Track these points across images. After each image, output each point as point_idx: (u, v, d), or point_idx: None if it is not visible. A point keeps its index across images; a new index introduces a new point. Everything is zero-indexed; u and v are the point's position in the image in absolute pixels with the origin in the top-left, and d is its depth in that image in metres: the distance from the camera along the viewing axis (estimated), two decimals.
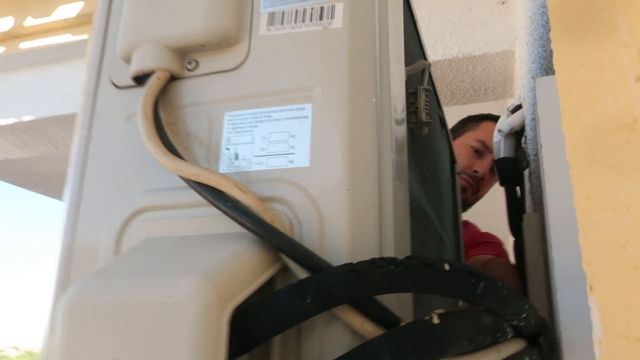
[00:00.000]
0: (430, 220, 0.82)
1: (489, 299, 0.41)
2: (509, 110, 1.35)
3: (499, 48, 1.44)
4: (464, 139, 1.52)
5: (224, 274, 0.36)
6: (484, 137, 1.48)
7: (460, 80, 1.59)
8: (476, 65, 1.51)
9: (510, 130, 1.29)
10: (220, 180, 0.42)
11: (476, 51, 1.46)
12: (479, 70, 1.54)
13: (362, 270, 0.37)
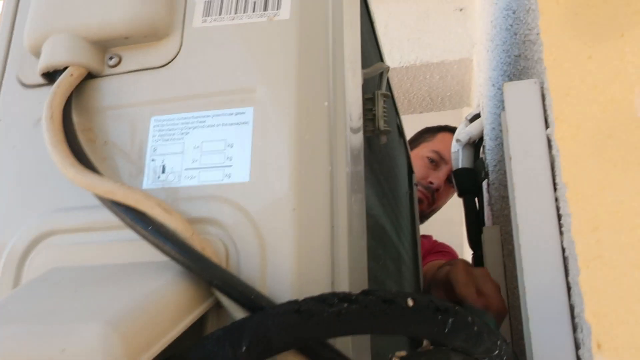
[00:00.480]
0: (389, 237, 0.76)
1: (459, 337, 0.35)
2: (467, 120, 1.32)
3: (457, 56, 1.41)
4: (420, 150, 1.51)
5: (137, 319, 0.29)
6: (440, 148, 1.47)
7: (418, 88, 1.56)
8: (434, 73, 1.48)
9: (469, 139, 1.26)
10: (140, 198, 0.35)
11: (434, 58, 1.42)
12: (436, 78, 1.51)
13: (310, 309, 0.31)
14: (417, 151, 1.50)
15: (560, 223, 0.47)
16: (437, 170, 1.48)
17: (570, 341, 0.44)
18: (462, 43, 1.41)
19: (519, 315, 0.79)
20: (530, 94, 0.51)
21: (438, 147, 1.48)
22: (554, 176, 0.48)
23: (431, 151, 1.48)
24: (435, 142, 1.50)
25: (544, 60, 0.29)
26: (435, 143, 1.50)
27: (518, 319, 0.81)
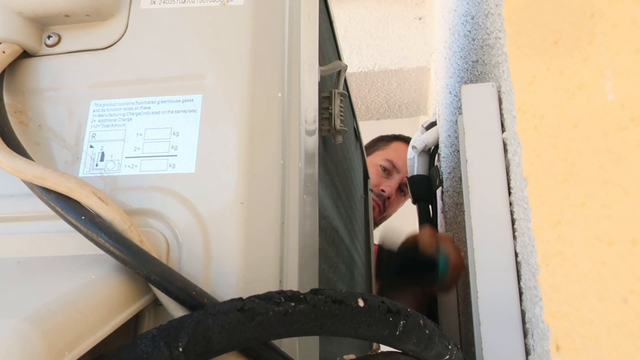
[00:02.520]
0: (342, 240, 0.75)
1: (410, 340, 0.34)
2: (424, 127, 1.32)
3: (415, 64, 1.42)
4: (373, 157, 1.52)
5: (62, 316, 0.26)
6: (394, 157, 1.48)
7: (376, 95, 1.56)
8: (392, 80, 1.49)
9: (424, 147, 1.27)
10: (73, 186, 0.32)
11: (392, 65, 1.43)
12: (394, 86, 1.51)
13: (254, 308, 0.29)
14: (371, 159, 1.51)
15: (514, 227, 0.47)
16: (390, 179, 1.49)
17: (521, 347, 0.44)
18: (421, 51, 1.42)
19: (469, 324, 0.79)
20: (487, 97, 0.51)
21: (391, 156, 1.50)
22: (509, 180, 0.48)
23: (384, 159, 1.49)
24: (389, 151, 1.51)
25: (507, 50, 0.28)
26: (388, 152, 1.51)
27: (468, 326, 0.81)
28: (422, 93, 1.55)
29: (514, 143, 0.45)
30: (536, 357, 0.41)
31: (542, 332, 0.39)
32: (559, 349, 0.25)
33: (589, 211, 0.21)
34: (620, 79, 0.19)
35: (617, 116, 0.19)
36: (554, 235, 0.26)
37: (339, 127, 0.59)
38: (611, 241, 0.19)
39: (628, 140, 0.18)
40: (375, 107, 1.61)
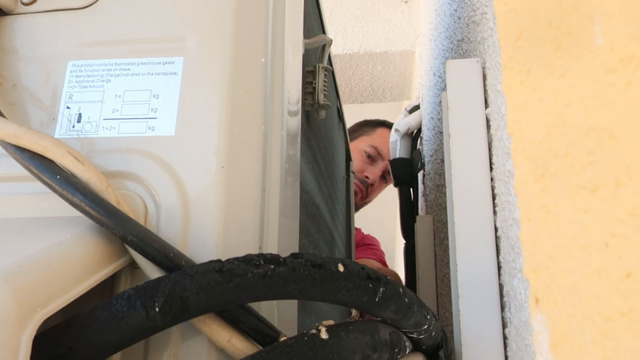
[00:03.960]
0: (323, 217, 0.74)
1: (390, 308, 0.34)
2: (407, 111, 1.32)
3: (400, 47, 1.42)
4: (358, 142, 1.51)
5: (34, 272, 0.25)
6: (379, 144, 1.48)
7: (360, 78, 1.55)
8: (376, 63, 1.48)
9: (407, 130, 1.27)
10: (48, 144, 0.31)
11: (377, 48, 1.42)
12: (378, 69, 1.51)
13: (233, 270, 0.28)
14: (356, 143, 1.51)
15: (494, 202, 0.47)
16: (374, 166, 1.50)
17: (498, 320, 0.44)
18: (406, 35, 1.42)
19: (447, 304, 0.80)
20: (471, 72, 0.50)
21: (377, 142, 1.50)
22: (491, 155, 0.48)
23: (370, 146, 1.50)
24: (374, 138, 1.51)
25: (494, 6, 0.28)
26: (374, 138, 1.51)
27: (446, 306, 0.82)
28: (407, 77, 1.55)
29: (497, 118, 0.45)
30: (512, 329, 0.41)
31: (519, 304, 0.39)
32: (538, 302, 0.25)
33: (573, 160, 0.21)
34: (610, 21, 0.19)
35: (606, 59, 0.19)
36: (537, 189, 0.26)
37: (323, 101, 0.59)
38: (595, 187, 0.19)
39: (616, 82, 0.18)
40: (359, 90, 1.61)
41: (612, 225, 0.18)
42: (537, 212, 0.26)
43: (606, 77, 0.19)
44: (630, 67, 0.17)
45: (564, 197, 0.22)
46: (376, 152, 1.49)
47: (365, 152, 1.49)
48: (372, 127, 1.55)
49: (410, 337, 0.39)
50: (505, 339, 0.43)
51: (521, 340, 0.38)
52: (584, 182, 0.20)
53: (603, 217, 0.19)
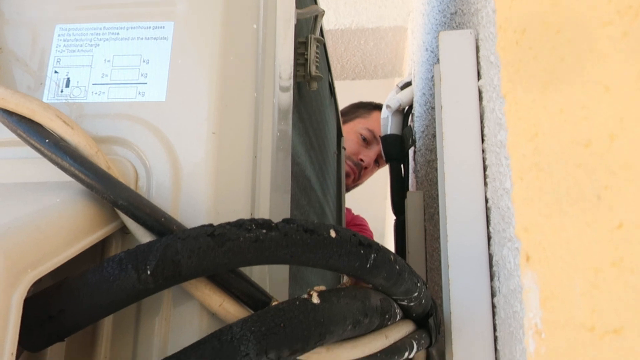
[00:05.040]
0: (314, 190, 0.74)
1: (381, 274, 0.34)
2: (398, 87, 1.32)
3: (392, 23, 1.41)
4: (354, 124, 1.51)
5: (24, 234, 0.25)
6: (375, 127, 1.48)
7: (352, 54, 1.54)
8: (368, 39, 1.47)
9: (399, 107, 1.27)
10: (36, 108, 0.31)
11: (369, 24, 1.41)
12: (370, 45, 1.50)
13: (225, 234, 0.28)
14: (352, 125, 1.51)
15: (485, 174, 0.47)
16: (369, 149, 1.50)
17: (487, 289, 0.45)
18: (398, 10, 1.41)
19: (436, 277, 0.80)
20: (464, 43, 0.50)
21: (373, 126, 1.50)
22: (483, 127, 0.48)
23: (365, 129, 1.49)
24: (371, 121, 1.51)
25: None
26: (370, 121, 1.51)
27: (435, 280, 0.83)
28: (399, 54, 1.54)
29: (489, 90, 0.45)
30: (501, 297, 0.42)
31: (508, 272, 0.39)
32: (528, 260, 0.26)
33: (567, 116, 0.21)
34: None
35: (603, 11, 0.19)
36: (529, 149, 0.26)
37: (315, 73, 0.58)
38: (588, 142, 0.20)
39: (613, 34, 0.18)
40: (350, 66, 1.60)
41: (605, 178, 0.18)
42: (530, 171, 0.26)
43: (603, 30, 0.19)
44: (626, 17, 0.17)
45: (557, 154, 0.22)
46: (372, 135, 1.49)
47: (361, 134, 1.49)
48: (368, 110, 1.54)
49: (400, 304, 0.39)
50: (494, 307, 0.44)
51: (509, 308, 0.39)
52: (577, 137, 0.20)
53: (596, 171, 0.19)
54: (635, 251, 0.16)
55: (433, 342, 0.43)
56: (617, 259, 0.17)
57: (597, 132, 0.19)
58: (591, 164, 0.19)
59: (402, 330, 0.39)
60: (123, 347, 0.30)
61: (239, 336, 0.27)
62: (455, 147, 0.47)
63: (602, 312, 0.18)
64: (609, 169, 0.18)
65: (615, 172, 0.17)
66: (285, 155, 0.44)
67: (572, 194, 0.20)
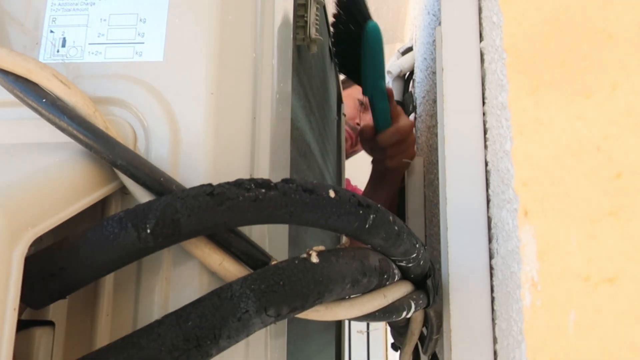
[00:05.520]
0: (314, 156, 0.74)
1: (379, 235, 0.34)
2: (399, 52, 1.30)
3: None
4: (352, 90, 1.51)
5: (22, 192, 0.25)
6: None
7: None
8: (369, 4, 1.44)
9: (399, 72, 1.26)
10: (33, 67, 0.30)
11: None
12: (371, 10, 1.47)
13: (224, 193, 0.28)
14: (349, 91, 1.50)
15: (485, 137, 0.47)
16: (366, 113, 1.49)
17: (485, 251, 0.45)
18: None
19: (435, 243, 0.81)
20: (467, 4, 0.49)
21: None
22: (484, 90, 0.48)
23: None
24: None
25: None
26: None
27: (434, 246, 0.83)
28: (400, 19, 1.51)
29: (491, 51, 0.45)
30: (499, 259, 0.42)
31: (506, 234, 0.40)
32: (527, 214, 0.26)
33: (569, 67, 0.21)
34: None
35: None
36: (530, 103, 0.26)
37: (314, 35, 0.57)
38: (590, 92, 0.19)
39: None
40: None
41: (606, 128, 0.18)
42: (530, 125, 0.26)
43: None
44: None
45: (558, 107, 0.22)
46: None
47: (358, 100, 1.49)
48: None
49: (399, 265, 0.39)
50: (492, 269, 0.44)
51: (507, 269, 0.39)
52: (579, 88, 0.20)
53: (597, 121, 0.19)
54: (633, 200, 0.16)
55: (431, 302, 0.44)
56: (614, 208, 0.17)
57: (598, 82, 0.19)
58: (592, 115, 0.19)
59: (401, 291, 0.40)
60: (124, 305, 0.31)
61: (239, 294, 0.28)
62: (455, 110, 0.47)
63: (598, 261, 0.18)
64: (610, 119, 0.18)
65: (616, 122, 0.17)
66: (284, 117, 0.44)
67: (572, 146, 0.20)
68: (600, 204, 0.18)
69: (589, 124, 0.19)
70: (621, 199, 0.17)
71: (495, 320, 0.43)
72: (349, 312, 0.34)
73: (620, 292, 0.17)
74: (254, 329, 0.28)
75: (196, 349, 0.27)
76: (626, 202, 0.17)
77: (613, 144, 0.18)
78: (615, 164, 0.18)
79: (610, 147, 0.18)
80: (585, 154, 0.19)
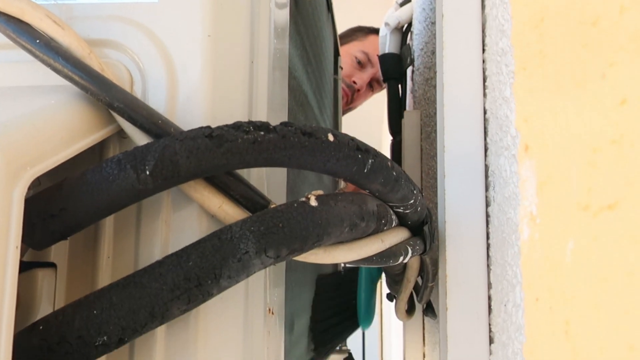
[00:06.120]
0: (311, 107, 0.74)
1: (378, 179, 0.34)
2: (398, 4, 1.28)
3: None
4: (349, 47, 1.49)
5: (20, 133, 0.25)
6: (370, 50, 1.46)
7: None
8: None
9: (397, 24, 1.23)
10: (25, 6, 0.29)
11: None
12: None
13: (223, 135, 0.28)
14: (347, 48, 1.49)
15: (485, 85, 0.47)
16: (363, 72, 1.48)
17: (482, 198, 0.45)
18: None
19: (431, 195, 0.81)
20: None
21: (368, 48, 1.48)
22: (484, 37, 0.47)
23: (360, 51, 1.48)
24: (366, 44, 1.49)
25: None
26: (366, 44, 1.49)
27: (430, 198, 0.84)
28: None
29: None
30: (495, 206, 0.42)
31: (504, 180, 0.40)
32: (527, 149, 0.26)
33: None
34: None
35: None
36: (534, 36, 0.26)
37: None
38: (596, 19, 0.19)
39: None
40: None
41: (612, 55, 0.18)
42: (533, 59, 0.26)
43: None
44: None
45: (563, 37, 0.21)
46: (366, 58, 1.48)
47: (355, 57, 1.47)
48: (365, 34, 1.52)
49: (396, 211, 0.40)
50: (488, 216, 0.45)
51: (503, 215, 0.40)
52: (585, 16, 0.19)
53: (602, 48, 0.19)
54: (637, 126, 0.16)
55: (427, 249, 0.44)
56: (617, 136, 0.17)
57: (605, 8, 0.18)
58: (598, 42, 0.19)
59: (398, 236, 0.40)
60: (125, 247, 0.31)
61: (239, 235, 0.28)
62: (455, 57, 0.46)
63: (598, 189, 0.18)
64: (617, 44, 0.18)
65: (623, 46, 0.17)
66: (282, 63, 0.43)
67: (576, 75, 0.20)
68: (602, 132, 0.18)
69: (595, 52, 0.19)
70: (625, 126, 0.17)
71: (491, 266, 0.44)
72: (347, 255, 0.35)
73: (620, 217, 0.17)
74: (253, 269, 0.29)
75: (197, 288, 0.27)
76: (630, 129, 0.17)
77: (619, 71, 0.18)
78: (620, 91, 0.17)
79: (616, 74, 0.18)
80: (589, 82, 0.19)
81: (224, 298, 0.31)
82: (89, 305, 0.26)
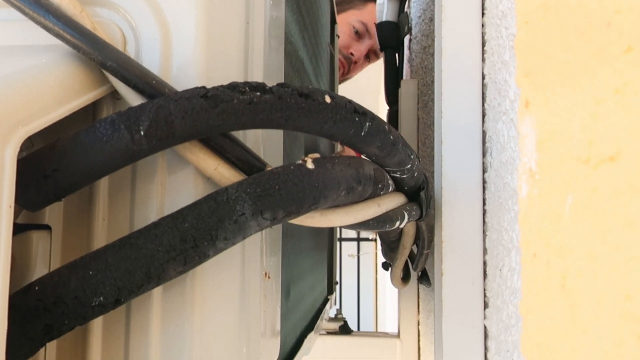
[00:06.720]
0: (307, 74, 0.73)
1: (375, 143, 0.34)
2: None
3: None
4: (347, 15, 1.46)
5: (11, 91, 0.25)
6: (368, 20, 1.43)
7: None
8: None
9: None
10: None
11: None
12: None
13: (218, 95, 0.28)
14: (345, 16, 1.45)
15: (484, 49, 0.46)
16: (360, 43, 1.46)
17: (479, 164, 0.45)
18: None
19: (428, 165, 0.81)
20: None
21: (366, 18, 1.45)
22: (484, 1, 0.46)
23: (358, 21, 1.45)
24: (365, 13, 1.46)
25: None
26: (364, 14, 1.46)
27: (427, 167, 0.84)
28: None
29: None
30: (492, 172, 0.42)
31: (501, 146, 0.39)
32: (527, 105, 0.26)
33: None
34: None
35: None
36: None
37: None
38: None
39: None
40: None
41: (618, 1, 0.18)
42: (536, 13, 0.25)
43: None
44: None
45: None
46: (365, 28, 1.45)
47: (353, 27, 1.45)
48: (363, 2, 1.49)
49: (393, 176, 0.39)
50: (485, 182, 0.45)
51: (500, 180, 0.40)
52: None
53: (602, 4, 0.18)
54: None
55: (423, 215, 0.44)
56: (621, 85, 0.17)
57: None
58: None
59: (394, 201, 0.40)
60: (120, 210, 0.31)
61: (235, 197, 0.28)
62: (453, 21, 0.46)
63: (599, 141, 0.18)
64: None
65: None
66: (278, 27, 0.43)
67: (580, 26, 0.20)
68: (606, 82, 0.18)
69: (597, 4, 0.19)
70: (630, 74, 0.17)
71: (486, 232, 0.44)
72: (343, 219, 0.35)
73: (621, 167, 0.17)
74: (250, 231, 0.29)
75: (193, 249, 0.27)
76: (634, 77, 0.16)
77: (625, 18, 0.17)
78: (625, 39, 0.17)
79: (621, 22, 0.17)
80: (593, 32, 0.19)
81: (220, 261, 0.31)
82: (84, 266, 0.26)
